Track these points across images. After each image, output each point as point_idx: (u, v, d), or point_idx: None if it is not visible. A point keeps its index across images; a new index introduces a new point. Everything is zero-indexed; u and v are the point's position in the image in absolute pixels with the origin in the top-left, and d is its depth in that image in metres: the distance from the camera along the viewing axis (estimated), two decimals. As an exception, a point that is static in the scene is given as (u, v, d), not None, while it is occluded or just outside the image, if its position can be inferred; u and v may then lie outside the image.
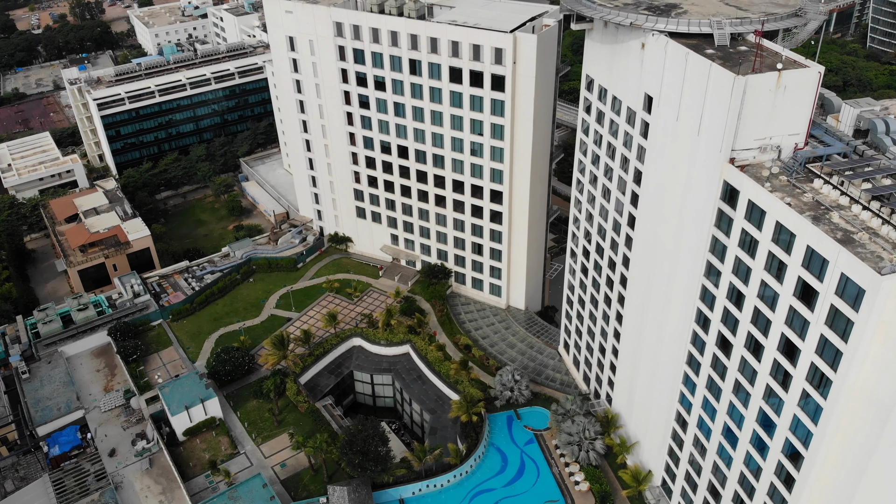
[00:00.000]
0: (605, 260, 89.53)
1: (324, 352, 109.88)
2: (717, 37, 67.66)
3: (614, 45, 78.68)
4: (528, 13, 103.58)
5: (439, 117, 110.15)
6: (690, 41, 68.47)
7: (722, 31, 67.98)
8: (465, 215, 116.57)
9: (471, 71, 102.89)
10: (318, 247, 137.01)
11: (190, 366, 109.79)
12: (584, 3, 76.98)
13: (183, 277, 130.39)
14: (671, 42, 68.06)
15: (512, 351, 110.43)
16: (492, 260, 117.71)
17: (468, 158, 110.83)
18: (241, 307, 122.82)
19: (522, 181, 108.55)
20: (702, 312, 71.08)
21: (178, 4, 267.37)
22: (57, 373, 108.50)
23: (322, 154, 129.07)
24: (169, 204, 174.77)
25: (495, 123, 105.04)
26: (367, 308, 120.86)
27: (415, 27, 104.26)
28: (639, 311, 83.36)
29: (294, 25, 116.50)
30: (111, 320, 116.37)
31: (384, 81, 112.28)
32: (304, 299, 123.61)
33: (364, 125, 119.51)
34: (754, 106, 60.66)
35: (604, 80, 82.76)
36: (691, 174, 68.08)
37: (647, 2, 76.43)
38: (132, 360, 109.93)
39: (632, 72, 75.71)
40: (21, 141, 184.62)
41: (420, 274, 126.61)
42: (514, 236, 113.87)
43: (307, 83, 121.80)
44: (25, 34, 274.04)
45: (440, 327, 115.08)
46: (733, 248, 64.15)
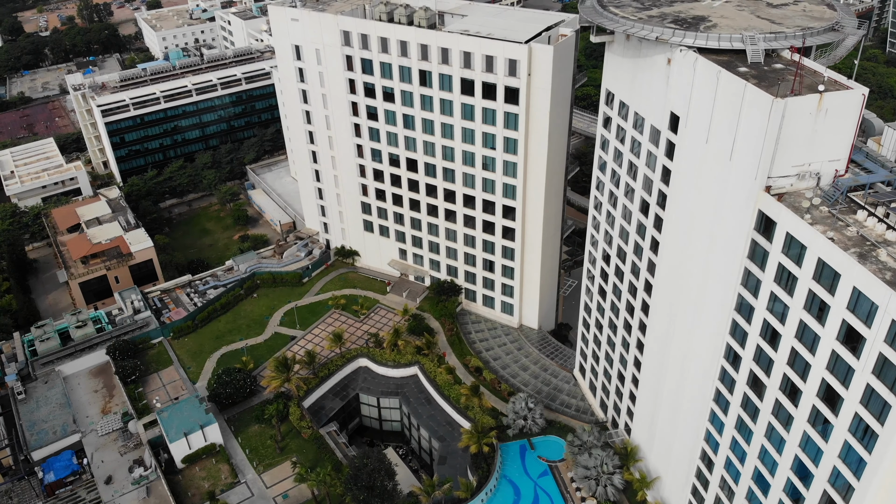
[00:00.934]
0: (626, 284, 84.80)
1: (329, 373, 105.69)
2: (751, 53, 62.86)
3: (637, 60, 73.98)
4: (543, 22, 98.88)
5: (450, 130, 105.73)
6: (721, 57, 63.75)
7: (755, 46, 63.18)
8: (476, 231, 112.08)
9: (483, 83, 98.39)
10: (325, 260, 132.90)
11: (190, 387, 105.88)
12: (605, 15, 72.32)
13: (185, 292, 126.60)
14: (700, 58, 63.30)
15: (525, 374, 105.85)
16: (504, 278, 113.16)
17: (480, 173, 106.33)
18: (245, 324, 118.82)
19: (536, 197, 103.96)
20: (732, 348, 66.30)
21: (186, 7, 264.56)
22: (53, 393, 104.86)
23: (329, 166, 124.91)
24: (174, 212, 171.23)
25: (508, 137, 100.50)
26: (374, 326, 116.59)
27: (425, 37, 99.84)
28: (662, 341, 78.62)
29: (300, 34, 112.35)
30: (110, 338, 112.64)
31: (393, 92, 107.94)
32: (309, 316, 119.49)
33: (372, 137, 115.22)
34: (793, 130, 55.85)
35: (625, 95, 78.05)
36: (722, 201, 63.30)
37: (672, 14, 71.72)
38: (131, 381, 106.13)
39: (656, 88, 71.00)
40: (25, 147, 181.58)
41: (429, 290, 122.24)
42: (528, 254, 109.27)
43: (314, 93, 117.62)
44: (32, 37, 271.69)
45: (450, 347, 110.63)
46: (768, 282, 59.35)
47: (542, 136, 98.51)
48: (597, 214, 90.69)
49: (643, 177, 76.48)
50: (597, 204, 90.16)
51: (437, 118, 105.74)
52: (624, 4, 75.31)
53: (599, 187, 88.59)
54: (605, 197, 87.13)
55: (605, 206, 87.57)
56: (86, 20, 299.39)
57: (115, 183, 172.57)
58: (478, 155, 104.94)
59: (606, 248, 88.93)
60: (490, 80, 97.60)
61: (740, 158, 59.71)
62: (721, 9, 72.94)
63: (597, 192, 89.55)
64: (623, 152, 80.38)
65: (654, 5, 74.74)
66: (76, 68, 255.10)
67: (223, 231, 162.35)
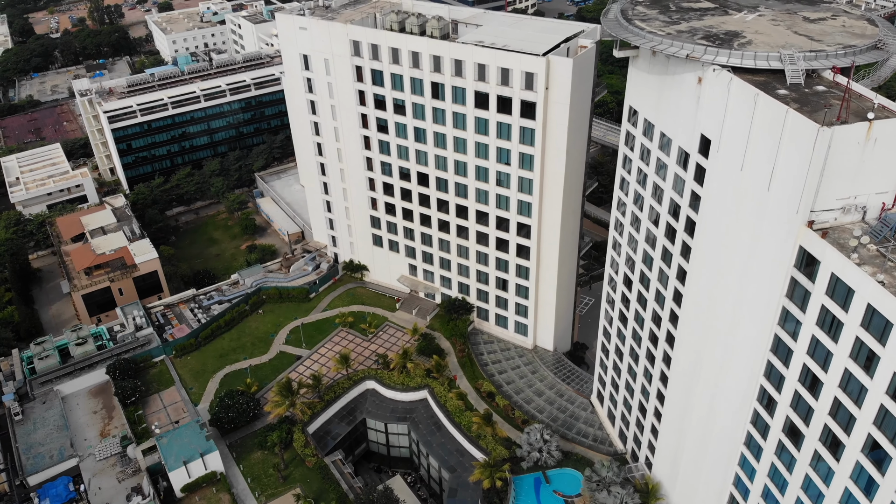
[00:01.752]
0: (649, 312, 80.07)
1: (335, 396, 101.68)
2: (790, 74, 58.00)
3: (664, 77, 69.27)
4: (562, 33, 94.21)
5: (463, 144, 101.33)
6: (757, 77, 58.96)
7: (795, 66, 58.33)
8: (489, 248, 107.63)
9: (498, 96, 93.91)
10: (332, 275, 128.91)
11: (192, 409, 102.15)
12: (630, 30, 67.64)
13: (189, 307, 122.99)
14: (736, 79, 58.53)
15: (539, 400, 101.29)
16: (518, 297, 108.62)
17: (493, 189, 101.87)
18: (249, 342, 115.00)
19: (553, 215, 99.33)
20: (766, 392, 61.51)
21: (197, 10, 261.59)
22: (51, 414, 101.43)
23: (337, 178, 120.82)
24: (180, 220, 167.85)
25: (524, 153, 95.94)
26: (383, 345, 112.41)
27: (438, 48, 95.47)
28: (688, 375, 73.86)
29: (308, 43, 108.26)
30: (111, 356, 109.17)
31: (404, 105, 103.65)
32: (316, 334, 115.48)
33: (382, 150, 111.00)
34: (839, 161, 51.04)
35: (650, 113, 73.32)
36: (758, 233, 58.51)
37: (703, 29, 66.92)
38: (130, 403, 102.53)
39: (685, 108, 66.28)
40: (31, 153, 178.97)
41: (439, 308, 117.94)
42: (543, 273, 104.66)
43: (322, 104, 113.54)
44: (42, 39, 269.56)
45: (461, 370, 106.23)
46: (810, 325, 54.53)
47: (560, 153, 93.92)
48: (617, 236, 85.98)
49: (669, 200, 71.76)
50: (617, 225, 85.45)
51: (450, 132, 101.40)
52: (650, 17, 70.61)
53: (620, 208, 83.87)
54: (626, 218, 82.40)
55: (626, 227, 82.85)
56: (96, 22, 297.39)
57: (121, 190, 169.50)
58: (491, 170, 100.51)
59: (628, 272, 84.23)
60: (505, 94, 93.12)
61: (780, 190, 54.92)
62: (755, 23, 68.10)
63: (617, 212, 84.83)
64: (647, 173, 75.66)
65: (682, 19, 70.01)
66: (86, 71, 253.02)
67: (230, 240, 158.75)
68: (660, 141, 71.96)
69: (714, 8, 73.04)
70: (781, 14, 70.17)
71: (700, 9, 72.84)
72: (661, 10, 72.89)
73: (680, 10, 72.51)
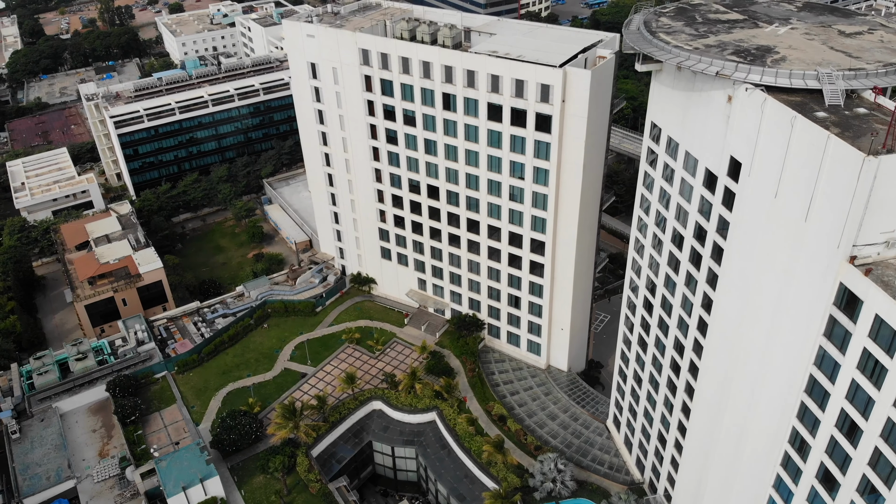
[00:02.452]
0: (671, 340, 75.97)
1: (340, 417, 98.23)
2: (829, 95, 53.82)
3: (690, 93, 65.19)
4: (579, 43, 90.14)
5: (475, 157, 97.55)
6: (792, 97, 54.83)
7: (834, 86, 54.13)
8: (502, 265, 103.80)
9: (512, 108, 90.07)
10: (340, 288, 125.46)
11: (193, 429, 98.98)
12: (655, 44, 63.62)
13: (192, 321, 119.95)
14: (770, 99, 54.40)
15: (553, 424, 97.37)
16: (531, 315, 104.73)
17: (506, 203, 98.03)
18: (253, 358, 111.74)
19: (568, 232, 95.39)
20: (798, 434, 57.35)
21: (207, 12, 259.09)
22: (49, 433, 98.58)
23: (345, 190, 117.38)
24: (187, 227, 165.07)
25: (539, 167, 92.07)
26: (391, 363, 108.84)
27: (450, 58, 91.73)
28: (712, 409, 69.75)
29: (316, 51, 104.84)
30: (111, 372, 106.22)
31: (414, 116, 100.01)
32: (322, 350, 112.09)
33: (391, 162, 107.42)
34: (885, 192, 46.84)
35: (675, 131, 69.23)
36: (793, 266, 54.37)
37: (733, 43, 62.78)
38: (130, 422, 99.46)
39: (713, 128, 62.19)
40: (37, 157, 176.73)
41: (449, 324, 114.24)
42: (557, 291, 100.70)
43: (330, 114, 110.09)
44: (52, 40, 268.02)
45: (471, 390, 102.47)
46: (850, 368, 50.38)
47: (577, 168, 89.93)
48: (637, 257, 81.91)
49: (695, 224, 67.66)
50: (637, 246, 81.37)
51: (461, 144, 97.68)
52: (675, 30, 66.56)
53: (641, 228, 79.77)
54: (647, 240, 78.28)
55: (647, 249, 78.75)
56: (107, 23, 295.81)
57: (127, 196, 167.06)
58: (504, 184, 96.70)
59: (648, 295, 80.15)
60: (520, 106, 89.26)
61: (819, 221, 50.76)
62: (787, 37, 63.88)
63: (638, 233, 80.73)
64: (671, 194, 71.57)
65: (710, 32, 65.89)
66: (95, 73, 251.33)
67: (237, 248, 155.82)
68: (685, 160, 67.87)
69: (743, 20, 68.91)
70: (815, 27, 65.93)
71: (728, 21, 68.71)
72: (687, 21, 68.83)
73: (707, 22, 68.41)
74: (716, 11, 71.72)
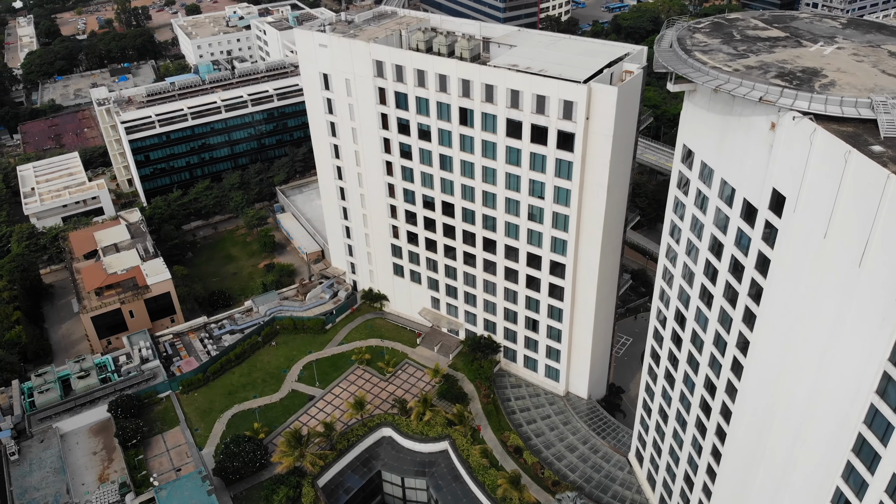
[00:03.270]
0: (701, 378, 70.96)
1: (348, 444, 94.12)
2: (885, 126, 48.58)
3: (728, 117, 60.19)
4: (604, 57, 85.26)
5: (492, 175, 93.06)
6: (844, 127, 49.71)
7: (890, 116, 48.95)
8: (519, 286, 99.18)
9: (533, 125, 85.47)
10: (351, 304, 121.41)
11: (196, 454, 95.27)
12: (690, 64, 58.72)
13: (199, 337, 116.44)
14: (820, 130, 49.31)
15: (572, 456, 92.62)
16: (549, 340, 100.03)
17: (525, 223, 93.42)
18: (260, 378, 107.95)
19: (591, 254, 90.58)
20: (843, 495, 52.24)
21: (224, 14, 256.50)
22: (49, 455, 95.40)
23: (357, 204, 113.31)
24: (198, 235, 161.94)
25: (560, 187, 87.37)
26: (402, 386, 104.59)
27: (467, 71, 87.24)
28: (746, 457, 64.72)
29: (329, 62, 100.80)
30: (114, 391, 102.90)
31: (429, 130, 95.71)
32: (331, 371, 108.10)
33: (405, 177, 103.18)
34: (954, 240, 41.80)
35: (709, 157, 64.25)
36: (844, 314, 49.26)
37: (776, 64, 57.72)
38: (131, 446, 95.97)
39: (753, 156, 57.19)
40: (48, 161, 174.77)
41: (463, 345, 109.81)
42: (578, 316, 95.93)
43: (343, 127, 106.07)
44: (67, 41, 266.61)
45: (485, 418, 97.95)
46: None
47: (600, 188, 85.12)
48: (666, 287, 76.89)
49: (730, 258, 62.64)
50: (667, 276, 76.34)
51: (478, 161, 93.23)
52: (712, 49, 61.60)
53: (671, 257, 74.79)
54: (677, 270, 73.28)
55: (676, 279, 73.76)
56: (123, 24, 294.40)
57: (138, 203, 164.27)
58: (523, 204, 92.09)
59: (677, 328, 75.09)
60: (540, 123, 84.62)
61: (875, 268, 45.68)
62: (834, 58, 58.71)
63: (667, 261, 75.74)
64: (703, 223, 66.57)
65: (750, 51, 60.86)
66: (110, 75, 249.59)
67: (248, 258, 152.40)
68: (720, 189, 62.86)
69: (784, 38, 63.79)
70: (863, 47, 60.68)
71: (769, 38, 63.63)
72: (724, 39, 63.82)
73: (746, 40, 63.37)
74: (755, 28, 66.67)
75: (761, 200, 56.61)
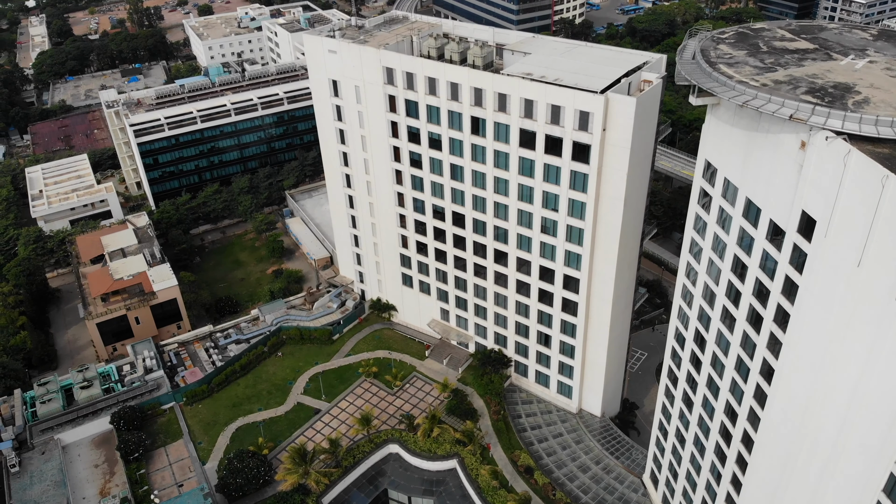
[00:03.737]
0: (721, 404, 67.98)
1: (354, 461, 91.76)
2: (927, 147, 45.61)
3: (754, 133, 57.19)
4: (622, 65, 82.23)
5: (504, 186, 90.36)
6: (880, 149, 46.69)
7: (932, 137, 45.91)
8: (531, 300, 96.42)
9: (547, 136, 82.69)
10: (358, 314, 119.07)
11: (199, 469, 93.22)
12: (715, 78, 55.80)
13: (204, 346, 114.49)
14: (855, 151, 46.28)
15: (584, 477, 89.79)
16: (562, 355, 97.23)
17: (537, 236, 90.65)
18: (265, 390, 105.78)
19: (606, 269, 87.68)
20: (876, 538, 49.21)
21: (235, 15, 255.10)
22: (50, 467, 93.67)
23: (366, 212, 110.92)
24: (206, 239, 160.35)
25: (575, 199, 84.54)
26: (409, 401, 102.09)
27: (480, 80, 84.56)
28: (768, 488, 61.68)
29: (338, 68, 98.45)
30: (116, 402, 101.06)
31: (440, 139, 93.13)
32: (337, 384, 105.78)
33: (415, 186, 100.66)
34: None
35: (733, 174, 61.24)
36: (879, 348, 46.24)
37: (806, 79, 54.67)
38: (133, 459, 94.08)
39: (781, 175, 54.18)
40: (57, 163, 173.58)
41: (473, 358, 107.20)
42: (592, 331, 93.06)
43: (352, 134, 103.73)
44: (79, 41, 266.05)
45: (495, 436, 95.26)
46: (950, 479, 42.27)
47: (617, 201, 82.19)
48: (685, 306, 73.89)
49: (755, 281, 59.62)
50: (686, 295, 73.31)
51: (490, 171, 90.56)
52: (738, 61, 58.63)
53: (690, 275, 71.79)
54: (697, 290, 70.27)
55: (696, 300, 70.74)
56: (136, 24, 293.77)
57: (146, 207, 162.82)
58: (536, 216, 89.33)
59: (696, 350, 72.09)
60: (555, 134, 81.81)
61: (916, 301, 42.71)
62: (867, 73, 55.56)
63: (686, 280, 72.75)
64: (726, 242, 63.57)
65: (777, 64, 57.84)
66: (121, 76, 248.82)
67: (257, 263, 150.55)
68: (745, 208, 59.86)
69: (813, 50, 60.69)
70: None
71: (797, 51, 60.55)
72: (750, 51, 60.81)
73: (773, 52, 60.33)
74: (781, 38, 63.61)
75: (789, 223, 53.58)
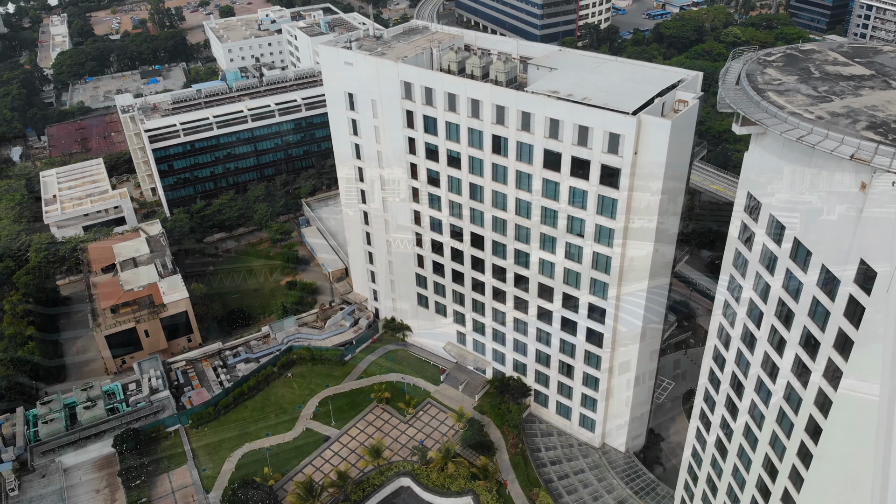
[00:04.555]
0: (759, 457, 62.44)
1: (364, 495, 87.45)
2: None
3: (805, 169, 51.64)
4: (656, 84, 76.75)
5: (526, 208, 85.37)
6: (956, 194, 41.19)
7: None
8: (553, 328, 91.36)
9: (573, 157, 77.57)
10: (372, 334, 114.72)
11: (202, 498, 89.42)
12: (764, 108, 50.49)
13: (212, 365, 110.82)
14: (927, 199, 40.87)
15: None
16: (585, 387, 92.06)
17: (561, 261, 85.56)
18: (273, 413, 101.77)
19: (634, 299, 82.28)
20: None
21: (256, 17, 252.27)
22: (50, 492, 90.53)
23: (381, 229, 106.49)
24: (220, 248, 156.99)
25: (602, 225, 79.33)
26: (423, 429, 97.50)
27: (503, 97, 79.62)
28: (811, 558, 56.18)
29: (354, 81, 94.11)
30: (120, 424, 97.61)
31: (459, 157, 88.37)
32: (348, 409, 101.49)
33: (432, 205, 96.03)
34: None
35: (780, 211, 55.68)
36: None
37: (865, 111, 49.19)
38: (135, 486, 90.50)
39: (836, 218, 48.67)
40: (72, 167, 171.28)
41: (490, 385, 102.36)
42: (618, 364, 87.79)
43: (367, 149, 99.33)
44: (99, 41, 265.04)
45: (513, 471, 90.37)
46: None
47: (648, 229, 76.89)
48: (721, 348, 68.29)
49: (803, 330, 54.12)
50: (723, 336, 67.69)
51: (511, 192, 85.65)
52: (788, 89, 53.20)
53: (729, 316, 66.27)
54: (736, 331, 64.73)
55: (734, 342, 65.26)
56: (157, 25, 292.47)
57: (161, 214, 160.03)
58: (559, 241, 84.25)
59: (733, 396, 66.49)
60: (582, 156, 76.68)
61: None
62: (936, 103, 49.89)
63: (724, 319, 67.18)
64: (770, 284, 58.08)
65: (832, 93, 52.36)
66: (141, 77, 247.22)
67: (271, 274, 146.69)
68: (793, 250, 54.35)
69: (870, 76, 55.08)
70: (967, 88, 51.75)
71: (852, 77, 54.97)
72: (801, 76, 55.30)
73: (826, 79, 54.78)
74: (834, 62, 58.01)
75: (845, 272, 48.07)
